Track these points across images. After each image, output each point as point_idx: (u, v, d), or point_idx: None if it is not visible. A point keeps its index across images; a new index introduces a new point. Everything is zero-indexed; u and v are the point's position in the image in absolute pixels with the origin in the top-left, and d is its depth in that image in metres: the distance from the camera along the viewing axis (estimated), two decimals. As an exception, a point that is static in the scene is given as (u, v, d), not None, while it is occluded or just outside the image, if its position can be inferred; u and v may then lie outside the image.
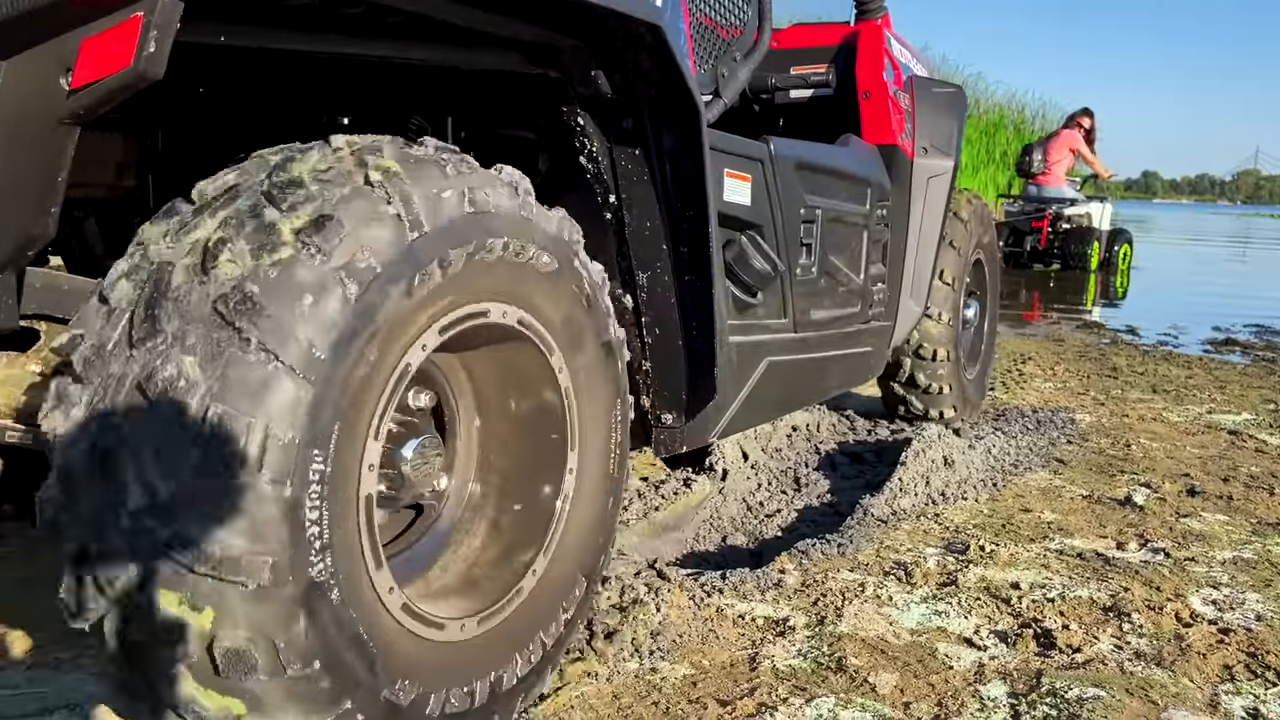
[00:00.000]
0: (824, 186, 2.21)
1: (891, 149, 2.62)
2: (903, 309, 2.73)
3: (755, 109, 2.75)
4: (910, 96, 2.75)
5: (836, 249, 2.29)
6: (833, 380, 2.43)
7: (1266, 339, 5.74)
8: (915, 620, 1.73)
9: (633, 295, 1.68)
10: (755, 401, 2.01)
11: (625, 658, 1.55)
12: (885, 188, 2.57)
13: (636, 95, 1.51)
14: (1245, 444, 3.10)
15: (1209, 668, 1.57)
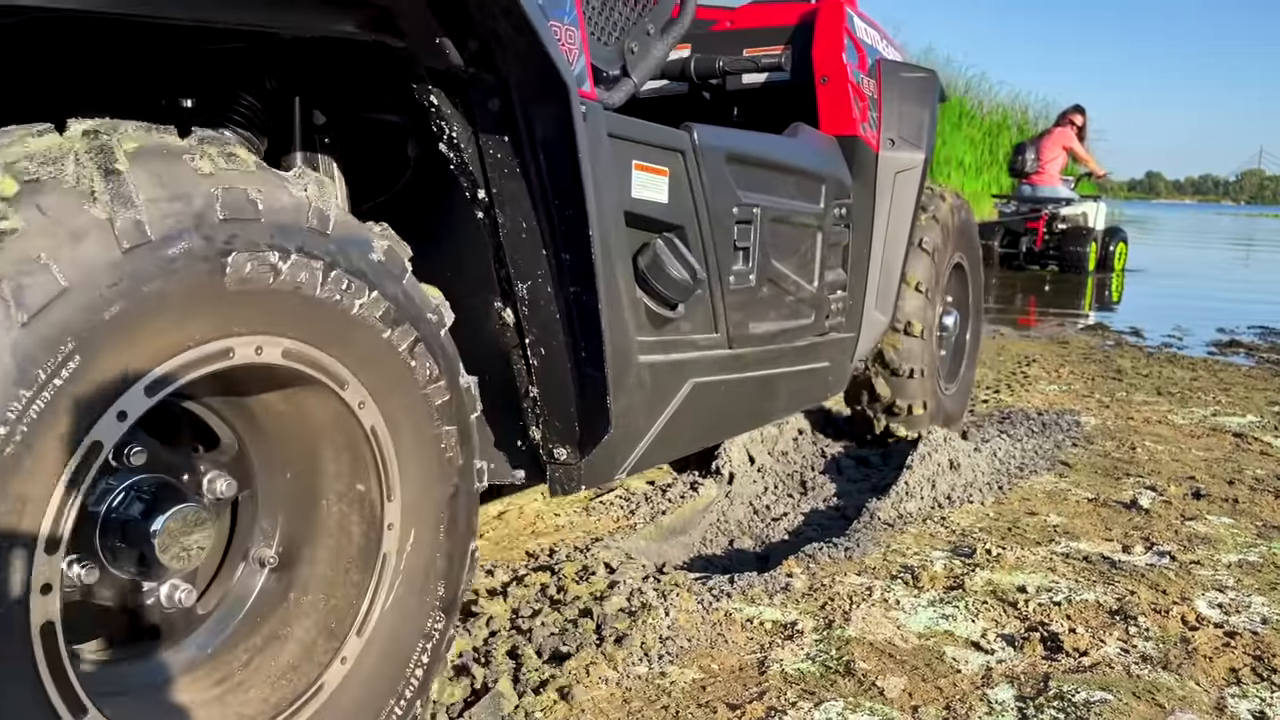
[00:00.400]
0: (765, 182, 1.97)
1: (852, 140, 2.35)
2: (867, 319, 2.50)
3: (705, 96, 2.49)
4: (876, 82, 2.50)
5: (782, 253, 2.05)
6: (781, 400, 2.18)
7: (1271, 341, 5.74)
8: (922, 624, 1.74)
9: (513, 309, 1.42)
10: (679, 428, 1.78)
11: (635, 662, 1.56)
12: (845, 184, 2.31)
13: (501, 70, 1.27)
14: (1250, 446, 3.11)
15: (1215, 671, 1.58)
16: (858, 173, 2.37)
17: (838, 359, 2.40)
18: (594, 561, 1.94)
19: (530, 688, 1.47)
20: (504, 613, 1.73)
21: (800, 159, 2.16)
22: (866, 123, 2.39)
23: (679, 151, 1.71)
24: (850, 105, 2.33)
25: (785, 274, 2.07)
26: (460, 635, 1.62)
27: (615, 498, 2.45)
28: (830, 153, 2.30)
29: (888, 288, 2.54)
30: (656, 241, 1.66)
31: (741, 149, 1.92)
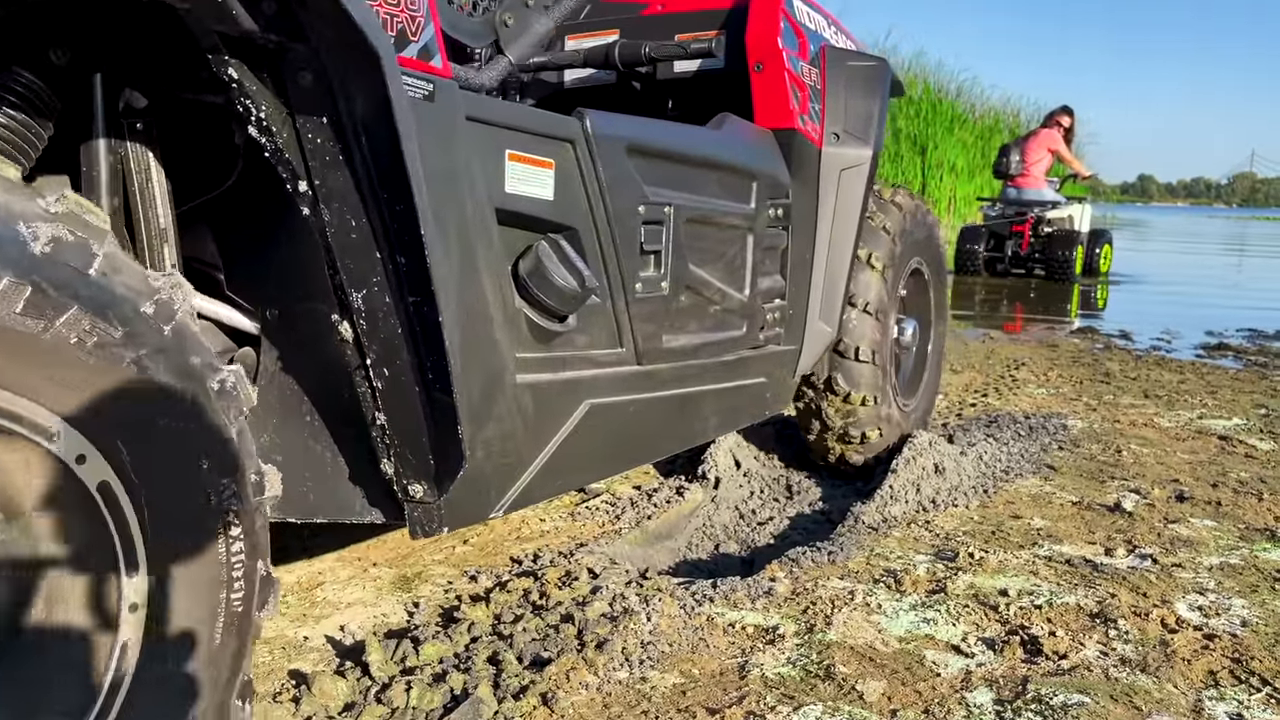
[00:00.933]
0: (680, 178, 1.78)
1: (790, 134, 2.14)
2: (810, 330, 2.29)
3: (636, 87, 2.31)
4: (820, 71, 2.28)
5: (704, 258, 1.87)
6: (708, 420, 1.99)
7: (1259, 343, 5.77)
8: (904, 628, 1.74)
9: (351, 323, 1.23)
10: (575, 456, 1.59)
11: (616, 667, 1.56)
12: (781, 182, 2.12)
13: (310, 37, 1.07)
14: (1235, 449, 3.12)
15: (1193, 674, 1.59)
16: (797, 170, 2.17)
17: (777, 374, 2.21)
18: (577, 567, 1.94)
19: (510, 693, 1.47)
20: (486, 618, 1.74)
21: (725, 153, 1.96)
22: (807, 115, 2.19)
23: (567, 141, 1.51)
24: (787, 95, 2.13)
25: (708, 281, 1.89)
26: (441, 641, 1.62)
27: (601, 503, 2.46)
28: (764, 147, 2.10)
29: (832, 296, 2.34)
30: (540, 244, 1.47)
31: (648, 140, 1.72)
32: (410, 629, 1.71)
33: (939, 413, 3.67)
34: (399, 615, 1.82)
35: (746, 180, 2.00)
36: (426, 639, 1.62)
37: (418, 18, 1.22)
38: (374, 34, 1.06)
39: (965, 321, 6.75)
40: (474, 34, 1.62)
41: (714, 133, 1.99)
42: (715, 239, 1.91)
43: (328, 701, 1.46)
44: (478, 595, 1.87)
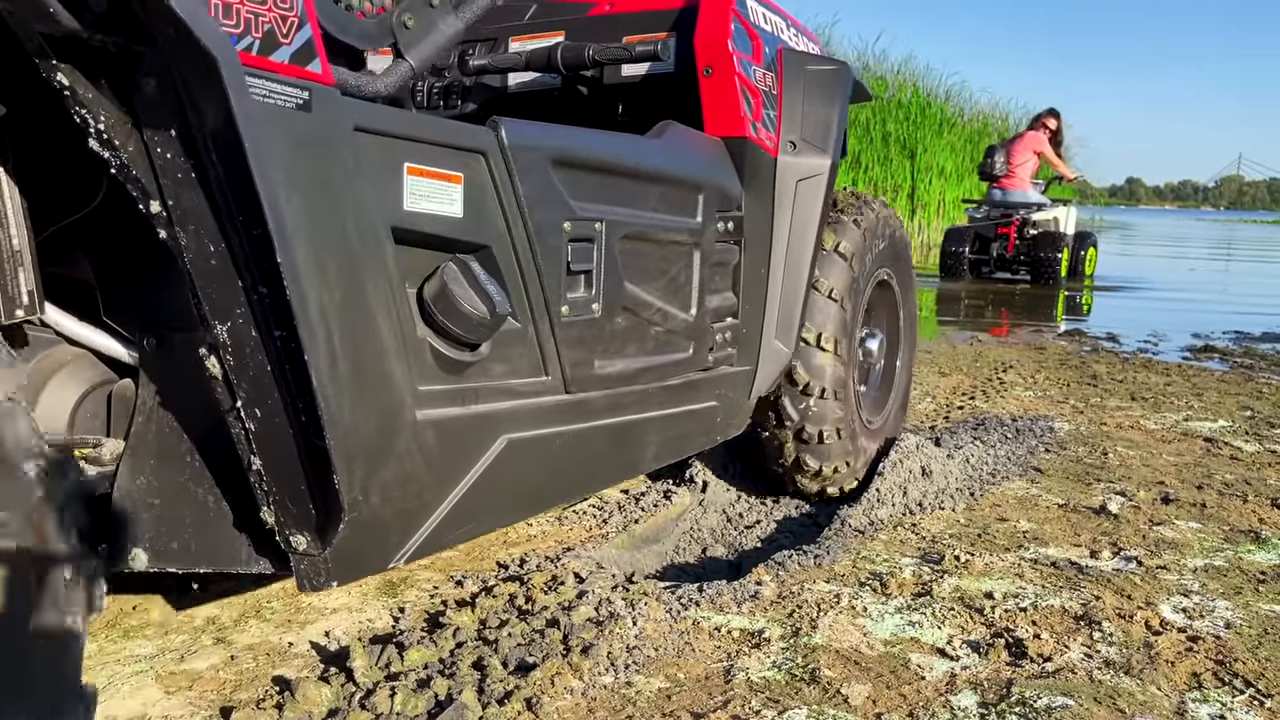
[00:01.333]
0: (615, 192, 1.66)
1: (741, 142, 2.01)
2: (767, 350, 2.16)
3: (582, 91, 2.17)
4: (776, 76, 2.15)
5: (644, 276, 1.74)
6: (652, 449, 1.86)
7: (1245, 345, 5.80)
8: (889, 631, 1.75)
9: (218, 357, 1.12)
10: (493, 496, 1.46)
11: (601, 671, 1.56)
12: (732, 194, 1.99)
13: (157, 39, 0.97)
14: (1221, 451, 3.14)
15: (1177, 675, 1.60)
16: (751, 180, 2.04)
17: (730, 397, 2.08)
18: (564, 571, 1.94)
19: (495, 699, 1.46)
20: (471, 623, 1.73)
21: (666, 164, 1.82)
22: (760, 122, 2.06)
23: (478, 153, 1.37)
24: (738, 101, 2.00)
25: (648, 301, 1.75)
26: (426, 646, 1.62)
27: (588, 507, 2.46)
28: (712, 157, 1.97)
29: (789, 313, 2.19)
30: (447, 266, 1.34)
31: (575, 151, 1.59)
32: (395, 634, 1.70)
33: (926, 415, 3.68)
34: (384, 620, 1.81)
35: (692, 192, 1.87)
36: (411, 644, 1.62)
37: (290, 18, 1.10)
38: (206, 34, 0.94)
39: (952, 325, 6.77)
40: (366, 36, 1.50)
41: (653, 142, 1.85)
42: (656, 256, 1.78)
43: (311, 708, 1.45)
44: (463, 600, 1.86)
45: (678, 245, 1.84)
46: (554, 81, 2.15)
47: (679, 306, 1.86)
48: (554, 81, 2.15)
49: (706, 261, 1.91)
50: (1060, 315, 7.73)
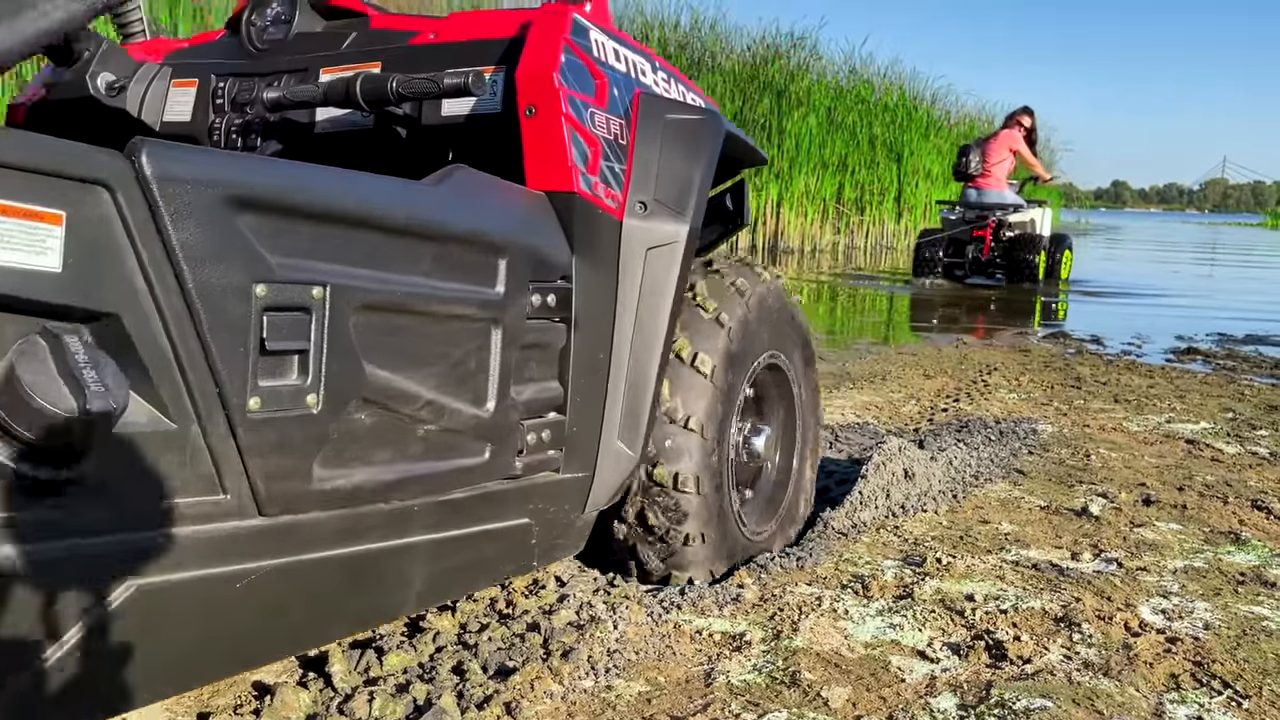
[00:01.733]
0: (351, 248, 1.28)
1: (569, 199, 1.66)
2: (607, 452, 1.77)
3: (399, 132, 1.87)
4: (627, 124, 1.80)
5: (407, 359, 1.37)
6: (416, 586, 1.45)
7: (1228, 347, 5.84)
8: (870, 633, 1.75)
9: None
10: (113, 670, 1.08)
11: (581, 675, 1.56)
12: (554, 260, 1.63)
13: None
14: (1202, 453, 3.15)
15: (1155, 677, 1.60)
16: (584, 246, 1.68)
17: (551, 511, 1.69)
18: (545, 575, 1.93)
19: (474, 703, 1.46)
20: (451, 628, 1.73)
21: (448, 217, 1.44)
22: (597, 176, 1.70)
23: (100, 185, 1.02)
24: (564, 149, 1.65)
25: (411, 392, 1.37)
26: (406, 651, 1.61)
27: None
28: (527, 214, 1.62)
29: (636, 409, 1.79)
30: (22, 343, 0.98)
31: (277, 190, 1.20)
32: (375, 639, 1.69)
33: (910, 418, 3.69)
34: (364, 625, 1.81)
35: (488, 255, 1.50)
36: (391, 649, 1.61)
37: None
38: None
39: (932, 331, 6.79)
40: None
41: (428, 190, 1.46)
42: (428, 334, 1.40)
43: (289, 713, 1.44)
44: (444, 605, 1.86)
45: (464, 321, 1.46)
46: (366, 121, 1.87)
47: (466, 399, 1.47)
48: (366, 121, 1.87)
49: (513, 342, 1.53)
50: (1038, 318, 7.77)
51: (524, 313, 1.56)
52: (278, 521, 1.22)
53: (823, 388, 4.15)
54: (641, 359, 1.79)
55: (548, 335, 1.63)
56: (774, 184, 14.79)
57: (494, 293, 1.51)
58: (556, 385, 1.67)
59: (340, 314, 1.25)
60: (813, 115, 15.34)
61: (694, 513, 1.92)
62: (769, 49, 15.04)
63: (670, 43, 13.31)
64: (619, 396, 1.77)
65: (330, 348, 1.24)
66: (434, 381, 1.41)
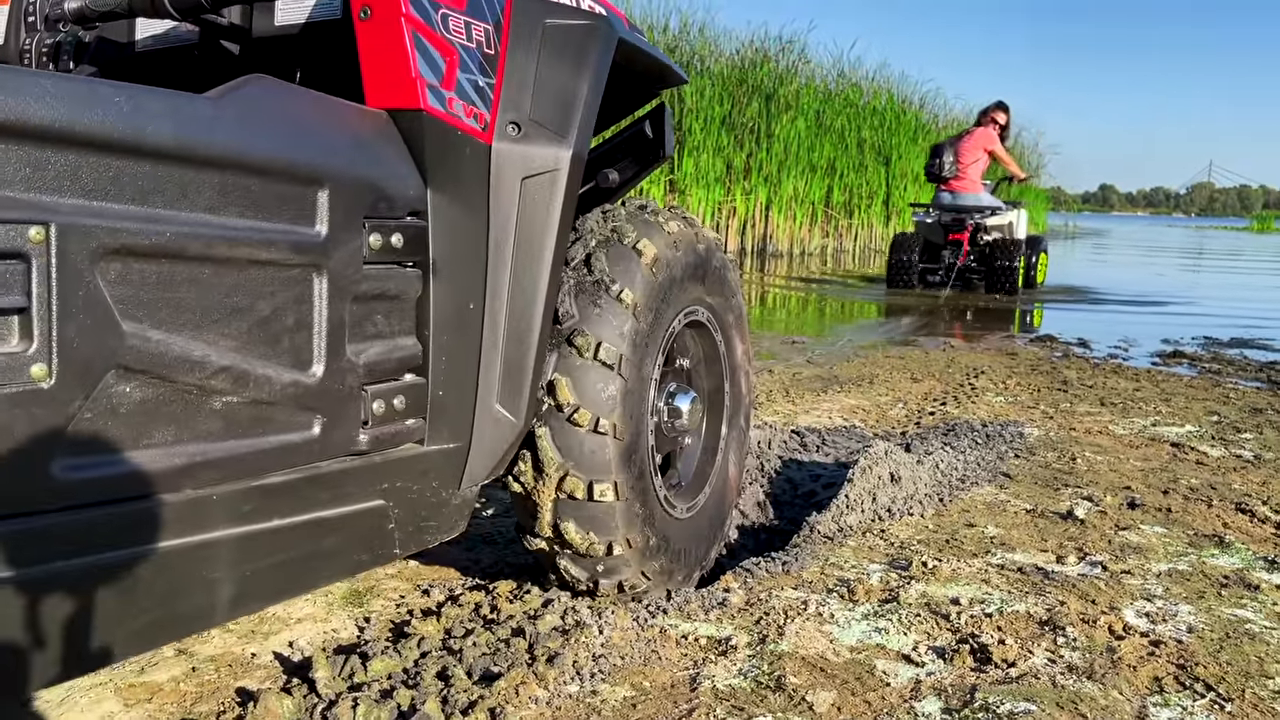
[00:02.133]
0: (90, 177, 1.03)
1: (416, 118, 1.42)
2: (484, 419, 1.55)
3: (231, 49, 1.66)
4: (497, 31, 1.55)
5: (190, 315, 1.14)
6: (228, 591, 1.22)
7: (1213, 351, 5.87)
8: (855, 637, 1.75)
9: None
10: None
11: (566, 681, 1.55)
12: (399, 194, 1.40)
13: None
14: (1187, 456, 3.17)
15: (1139, 680, 1.61)
16: (440, 176, 1.46)
17: (414, 490, 1.47)
18: (530, 579, 1.93)
19: (458, 709, 1.45)
20: (436, 633, 1.72)
21: (231, 139, 1.18)
22: (453, 91, 1.46)
23: None
24: (407, 58, 1.41)
25: (199, 357, 1.14)
26: (390, 657, 1.61)
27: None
28: (361, 138, 1.38)
29: (518, 368, 1.57)
30: None
31: None
32: (359, 644, 1.69)
33: (898, 421, 3.69)
34: (349, 630, 1.80)
35: (300, 187, 1.26)
36: (375, 655, 1.61)
37: None
38: None
39: (926, 334, 6.81)
40: None
41: (200, 104, 1.17)
42: (217, 285, 1.17)
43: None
44: (429, 609, 1.85)
45: (271, 268, 1.22)
46: (191, 35, 1.67)
47: (281, 363, 1.25)
48: (191, 35, 1.67)
49: (344, 293, 1.31)
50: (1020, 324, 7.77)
51: (358, 257, 1.33)
52: (8, 527, 1.00)
53: (810, 391, 4.16)
54: (521, 309, 1.56)
55: (396, 283, 1.40)
56: (763, 187, 14.81)
57: (312, 233, 1.27)
58: (413, 342, 1.45)
59: (75, 262, 1.01)
60: (801, 119, 15.37)
61: (617, 522, 1.73)
62: (757, 52, 15.08)
63: (659, 46, 13.31)
64: (496, 354, 1.55)
65: (63, 305, 1.00)
66: (231, 343, 1.19)
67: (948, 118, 20.45)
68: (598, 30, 1.66)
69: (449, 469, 1.53)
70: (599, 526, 1.73)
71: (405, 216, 1.42)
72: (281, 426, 1.26)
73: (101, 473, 1.07)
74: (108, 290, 1.04)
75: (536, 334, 1.57)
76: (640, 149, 2.00)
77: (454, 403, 1.51)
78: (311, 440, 1.30)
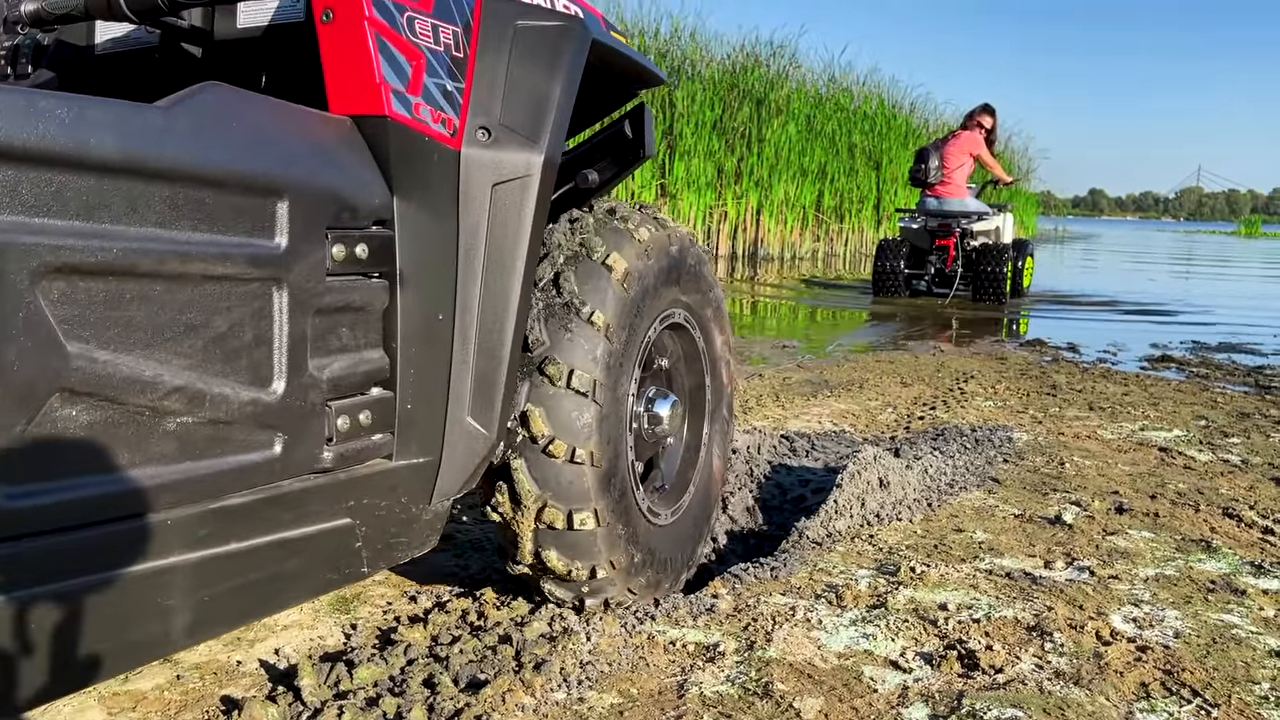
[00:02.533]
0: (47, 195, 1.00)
1: (381, 124, 1.39)
2: (455, 432, 1.49)
3: (193, 52, 1.62)
4: (466, 34, 1.52)
5: (139, 333, 1.09)
6: (182, 617, 1.17)
7: (1202, 355, 5.89)
8: (843, 643, 1.75)
9: None
10: None
11: (553, 688, 1.55)
12: (363, 203, 1.36)
13: None
14: (1174, 461, 3.18)
15: (1125, 686, 1.61)
16: (408, 183, 1.42)
17: (384, 507, 1.42)
18: (517, 585, 1.92)
19: (445, 717, 1.45)
20: (423, 640, 1.72)
21: (183, 149, 1.14)
22: (419, 96, 1.43)
23: None
24: (370, 62, 1.37)
25: (150, 377, 1.10)
26: (376, 664, 1.60)
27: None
28: (322, 146, 1.34)
29: (490, 379, 1.51)
30: None
31: None
32: (346, 652, 1.68)
33: (887, 426, 3.70)
34: (336, 637, 1.79)
35: (257, 198, 1.22)
36: (362, 662, 1.60)
37: None
38: None
39: (918, 339, 6.82)
40: None
41: (148, 114, 1.13)
42: (170, 302, 1.13)
43: (257, 728, 1.43)
44: (416, 616, 1.85)
45: (228, 283, 1.19)
46: (151, 38, 1.64)
47: (239, 380, 1.21)
48: (151, 38, 1.64)
49: (305, 306, 1.27)
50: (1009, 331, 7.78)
51: (321, 269, 1.28)
52: None
53: (799, 396, 4.16)
54: (493, 318, 1.51)
55: (362, 295, 1.36)
56: (754, 192, 14.83)
57: (271, 245, 1.23)
58: (379, 355, 1.41)
59: (14, 281, 0.96)
60: (792, 123, 15.40)
61: (599, 546, 1.71)
62: (749, 57, 15.10)
63: (650, 50, 13.32)
64: (467, 366, 1.50)
65: (1, 326, 0.96)
66: (185, 361, 1.15)
67: (938, 122, 20.51)
68: (571, 31, 1.63)
69: (419, 484, 1.48)
70: (581, 553, 1.71)
71: (370, 226, 1.38)
72: (240, 446, 1.22)
73: (47, 500, 1.02)
74: (50, 310, 1.00)
75: (509, 344, 1.52)
76: (620, 149, 1.97)
77: (423, 416, 1.47)
78: (272, 459, 1.25)
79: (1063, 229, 48.90)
